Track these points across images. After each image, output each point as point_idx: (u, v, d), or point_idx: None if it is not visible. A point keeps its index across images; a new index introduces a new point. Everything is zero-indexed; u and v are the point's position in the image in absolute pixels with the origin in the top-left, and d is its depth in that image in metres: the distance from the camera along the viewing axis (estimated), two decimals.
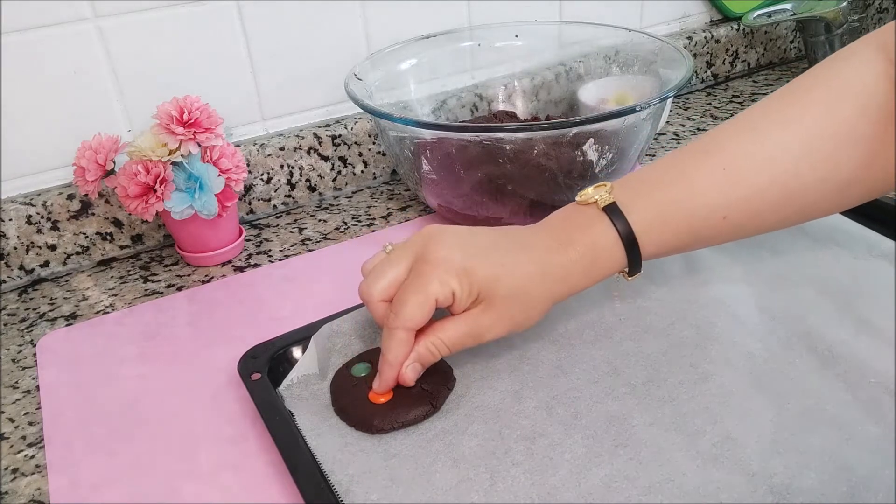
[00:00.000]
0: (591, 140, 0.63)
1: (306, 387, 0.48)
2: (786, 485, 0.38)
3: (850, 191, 0.46)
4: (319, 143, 0.75)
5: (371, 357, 0.48)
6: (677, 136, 0.85)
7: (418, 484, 0.40)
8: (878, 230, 0.57)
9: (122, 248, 0.70)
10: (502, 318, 0.44)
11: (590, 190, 0.46)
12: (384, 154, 0.79)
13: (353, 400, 0.45)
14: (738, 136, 0.46)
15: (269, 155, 0.73)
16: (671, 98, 0.65)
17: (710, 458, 0.40)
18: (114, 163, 0.63)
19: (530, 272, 0.44)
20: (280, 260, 0.67)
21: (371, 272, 0.46)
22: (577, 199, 0.46)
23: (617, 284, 0.54)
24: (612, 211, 0.45)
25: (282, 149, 0.73)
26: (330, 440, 0.43)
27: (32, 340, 0.58)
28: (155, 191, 0.60)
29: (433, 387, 0.46)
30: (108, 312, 0.61)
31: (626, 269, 0.46)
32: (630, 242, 0.45)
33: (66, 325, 0.60)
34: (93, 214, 0.67)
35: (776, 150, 0.45)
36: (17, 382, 0.54)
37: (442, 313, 0.44)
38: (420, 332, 0.44)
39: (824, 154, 0.44)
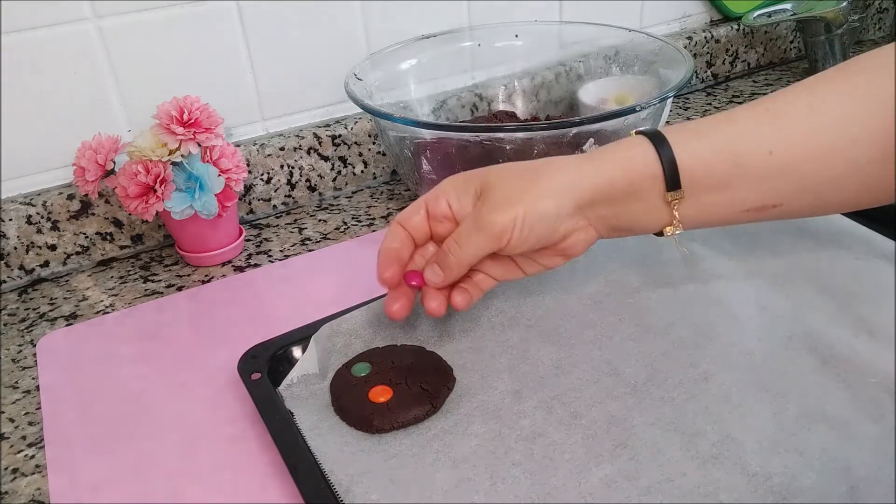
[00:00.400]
0: (591, 140, 0.63)
1: (306, 387, 0.48)
2: (786, 485, 0.38)
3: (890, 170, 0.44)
4: (319, 143, 0.75)
5: (371, 357, 0.48)
6: None
7: (418, 484, 0.40)
8: (878, 230, 0.57)
9: (122, 248, 0.70)
10: (501, 198, 0.43)
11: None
12: (384, 154, 0.79)
13: (353, 400, 0.45)
14: (782, 92, 0.46)
15: (269, 155, 0.73)
16: (671, 98, 0.65)
17: (709, 457, 0.40)
18: (114, 163, 0.63)
19: (531, 164, 0.44)
20: (280, 260, 0.67)
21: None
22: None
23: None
24: (647, 132, 0.44)
25: (282, 149, 0.73)
26: (330, 440, 0.43)
27: (32, 340, 0.59)
28: (155, 191, 0.60)
29: (433, 387, 0.46)
30: (108, 312, 0.61)
31: (663, 183, 0.43)
32: (665, 150, 0.43)
33: (66, 325, 0.60)
34: (93, 214, 0.67)
35: (822, 101, 0.44)
36: (17, 382, 0.54)
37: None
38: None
39: (871, 111, 0.43)
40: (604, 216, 0.45)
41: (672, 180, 0.43)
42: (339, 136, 0.76)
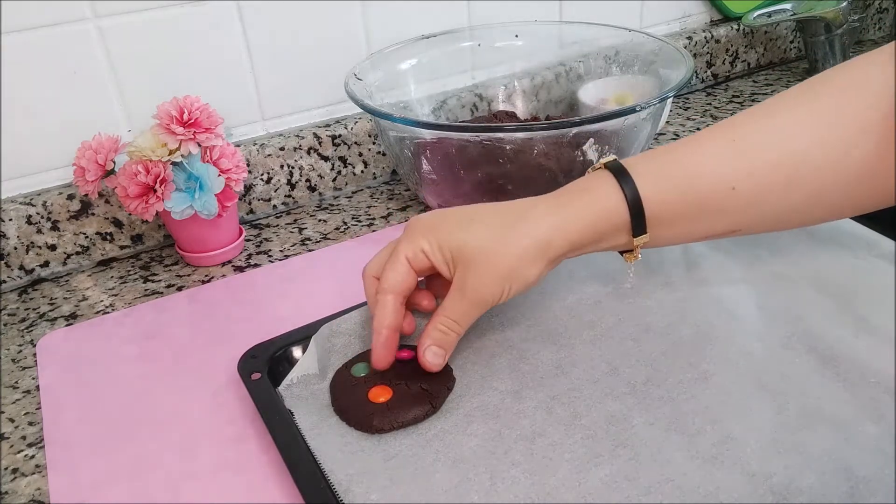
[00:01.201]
0: (591, 140, 0.63)
1: (306, 387, 0.48)
2: (785, 485, 0.38)
3: (861, 188, 0.45)
4: (319, 143, 0.75)
5: (370, 357, 0.48)
6: (677, 136, 0.85)
7: (418, 484, 0.40)
8: (878, 230, 0.57)
9: (122, 248, 0.70)
10: (489, 273, 0.43)
11: (598, 163, 0.46)
12: (384, 154, 0.79)
13: (352, 400, 0.45)
14: (750, 115, 0.46)
15: (269, 155, 0.73)
16: (671, 98, 0.65)
17: (709, 458, 0.40)
18: (114, 163, 0.63)
19: (505, 221, 0.44)
20: (280, 260, 0.67)
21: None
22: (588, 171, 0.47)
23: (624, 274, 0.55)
24: (614, 166, 0.44)
25: (282, 149, 0.73)
26: (330, 440, 0.43)
27: (32, 340, 0.59)
28: (155, 191, 0.60)
29: (433, 387, 0.46)
30: (108, 312, 0.61)
31: (629, 227, 0.44)
32: (632, 193, 0.43)
33: (66, 325, 0.60)
34: (93, 214, 0.67)
35: (787, 129, 0.44)
36: (17, 382, 0.54)
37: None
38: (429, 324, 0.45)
39: (835, 138, 0.43)
40: (569, 257, 0.46)
41: (638, 227, 0.45)
42: (339, 136, 0.76)
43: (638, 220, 0.44)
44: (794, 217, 0.47)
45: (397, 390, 0.45)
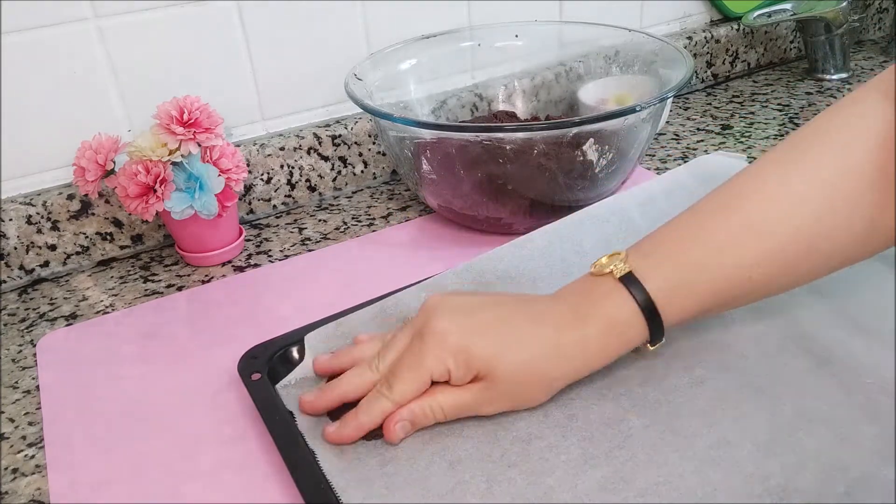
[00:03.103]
0: (591, 140, 0.63)
1: (302, 389, 0.48)
2: (782, 485, 0.38)
3: (875, 236, 0.44)
4: (319, 143, 0.75)
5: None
6: (677, 136, 0.85)
7: (414, 487, 0.40)
8: None
9: (122, 248, 0.70)
10: (503, 397, 0.43)
11: (603, 259, 0.44)
12: (384, 154, 0.79)
13: (347, 404, 0.45)
14: (756, 188, 0.44)
15: (269, 155, 0.73)
16: (671, 98, 0.65)
17: (706, 459, 0.40)
18: (114, 163, 0.63)
19: (535, 352, 0.42)
20: (280, 260, 0.67)
21: (373, 338, 0.48)
22: (591, 269, 0.45)
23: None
24: (630, 281, 0.43)
25: (282, 149, 0.73)
26: (326, 444, 0.43)
27: (32, 340, 0.59)
28: (155, 191, 0.60)
29: None
30: (108, 312, 0.61)
31: (648, 340, 0.44)
32: (650, 312, 0.42)
33: (66, 325, 0.60)
34: (93, 214, 0.67)
35: (795, 200, 0.43)
36: (17, 382, 0.54)
37: None
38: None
39: (842, 195, 0.42)
40: None
41: (656, 337, 0.44)
42: (339, 136, 0.76)
43: (657, 332, 0.43)
44: (809, 278, 0.45)
45: None
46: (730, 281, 0.43)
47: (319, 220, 0.74)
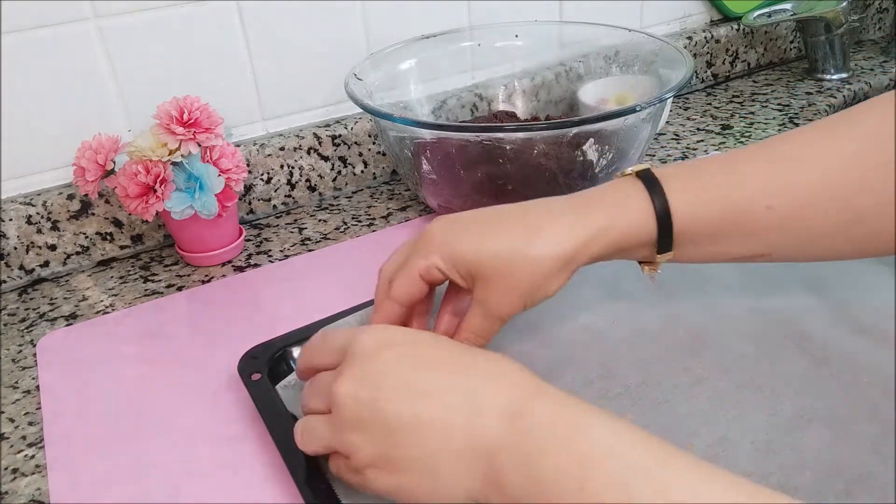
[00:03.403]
0: (591, 140, 0.63)
1: (299, 391, 0.47)
2: (781, 484, 0.38)
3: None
4: (319, 143, 0.75)
5: None
6: (677, 136, 0.85)
7: None
8: None
9: (122, 248, 0.70)
10: (510, 290, 0.42)
11: (629, 170, 0.44)
12: (384, 154, 0.79)
13: None
14: (786, 139, 0.44)
15: (269, 155, 0.73)
16: (671, 98, 0.65)
17: (705, 458, 0.40)
18: (114, 163, 0.63)
19: (527, 232, 0.41)
20: (280, 260, 0.67)
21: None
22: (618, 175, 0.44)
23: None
24: (646, 176, 0.42)
25: (282, 149, 0.73)
26: None
27: (32, 340, 0.59)
28: (155, 191, 0.60)
29: None
30: (108, 312, 0.61)
31: (655, 243, 0.42)
32: (662, 206, 0.41)
33: (66, 325, 0.60)
34: (93, 214, 0.67)
35: (827, 150, 0.42)
36: (17, 382, 0.54)
37: None
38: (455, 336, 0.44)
39: (875, 163, 0.41)
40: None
41: (665, 243, 0.43)
42: (339, 136, 0.76)
43: (665, 236, 0.42)
44: (826, 243, 0.43)
45: None
46: (749, 205, 0.42)
47: (319, 220, 0.74)
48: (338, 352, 0.39)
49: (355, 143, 0.77)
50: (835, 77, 0.97)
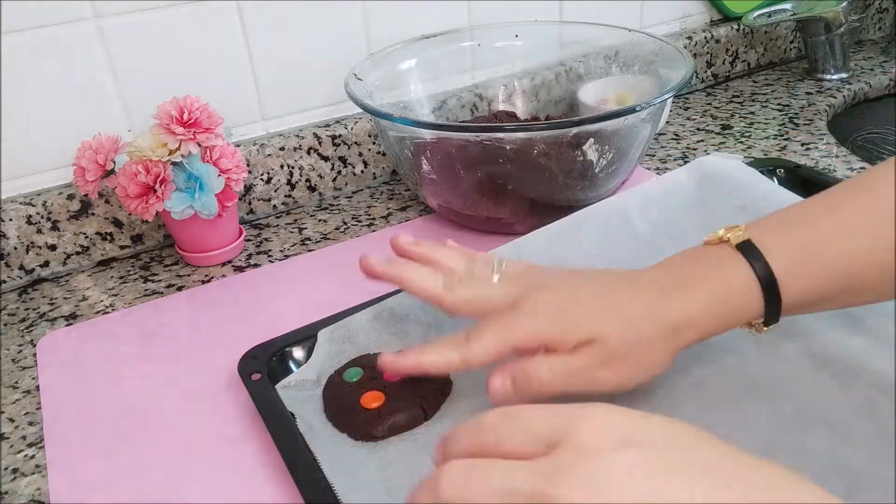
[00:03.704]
0: (591, 140, 0.63)
1: (300, 391, 0.47)
2: None
3: None
4: (319, 143, 0.75)
5: (363, 362, 0.48)
6: (677, 136, 0.85)
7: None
8: None
9: (122, 248, 0.70)
10: (617, 358, 0.38)
11: (720, 231, 0.41)
12: (384, 154, 0.79)
13: (345, 406, 0.45)
14: (885, 172, 0.40)
15: (269, 155, 0.73)
16: (671, 98, 0.65)
17: None
18: (114, 163, 0.63)
19: (640, 314, 0.39)
20: (280, 260, 0.67)
21: (464, 277, 0.43)
22: (704, 239, 0.41)
23: None
24: (748, 249, 0.39)
25: (282, 149, 0.73)
26: (325, 446, 0.43)
27: (32, 340, 0.59)
28: (155, 191, 0.60)
29: (427, 391, 0.45)
30: (108, 312, 0.61)
31: (763, 318, 0.40)
32: (769, 285, 0.39)
33: (66, 325, 0.60)
34: (93, 214, 0.67)
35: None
36: (17, 382, 0.54)
37: None
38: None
39: None
40: None
41: (772, 315, 0.40)
42: (339, 136, 0.76)
43: (772, 309, 0.40)
44: None
45: (390, 396, 0.45)
46: (860, 264, 0.39)
47: (319, 220, 0.74)
48: (538, 438, 0.28)
49: (355, 143, 0.77)
50: (835, 77, 0.97)
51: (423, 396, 0.45)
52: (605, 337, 0.38)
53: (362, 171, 0.79)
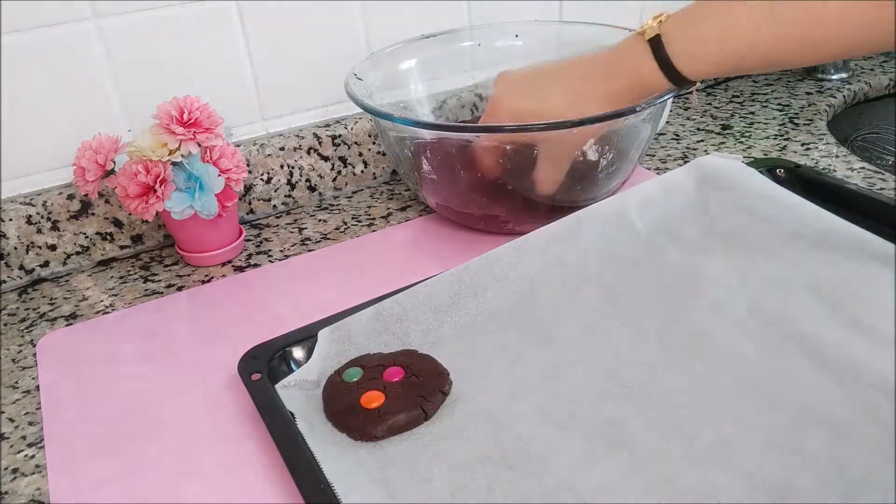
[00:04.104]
0: (591, 140, 0.63)
1: (300, 391, 0.47)
2: (782, 485, 0.38)
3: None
4: (319, 143, 0.75)
5: (363, 362, 0.48)
6: (677, 135, 0.85)
7: (413, 491, 0.40)
8: (870, 229, 0.56)
9: (122, 248, 0.70)
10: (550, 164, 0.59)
11: (649, 21, 0.54)
12: (384, 154, 0.79)
13: (344, 406, 0.45)
14: None
15: (269, 155, 0.73)
16: (671, 98, 0.65)
17: (706, 459, 0.40)
18: (114, 163, 0.63)
19: (576, 98, 0.57)
20: (280, 260, 0.67)
21: None
22: (640, 27, 0.55)
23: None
24: (655, 42, 0.53)
25: (282, 149, 0.73)
26: (325, 446, 0.43)
27: (32, 340, 0.59)
28: (155, 191, 0.60)
29: (427, 391, 0.45)
30: (108, 312, 0.61)
31: (678, 89, 0.56)
32: (668, 68, 0.53)
33: (66, 325, 0.60)
34: (93, 214, 0.67)
35: None
36: (17, 382, 0.54)
37: None
38: None
39: None
40: None
41: (683, 87, 0.56)
42: (339, 136, 0.76)
43: (679, 84, 0.55)
44: (826, 46, 0.51)
45: (390, 395, 0.45)
46: (743, 53, 0.52)
47: (319, 220, 0.74)
48: None
49: (355, 143, 0.77)
50: (835, 77, 0.97)
51: (423, 396, 0.45)
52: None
53: (362, 171, 0.79)
